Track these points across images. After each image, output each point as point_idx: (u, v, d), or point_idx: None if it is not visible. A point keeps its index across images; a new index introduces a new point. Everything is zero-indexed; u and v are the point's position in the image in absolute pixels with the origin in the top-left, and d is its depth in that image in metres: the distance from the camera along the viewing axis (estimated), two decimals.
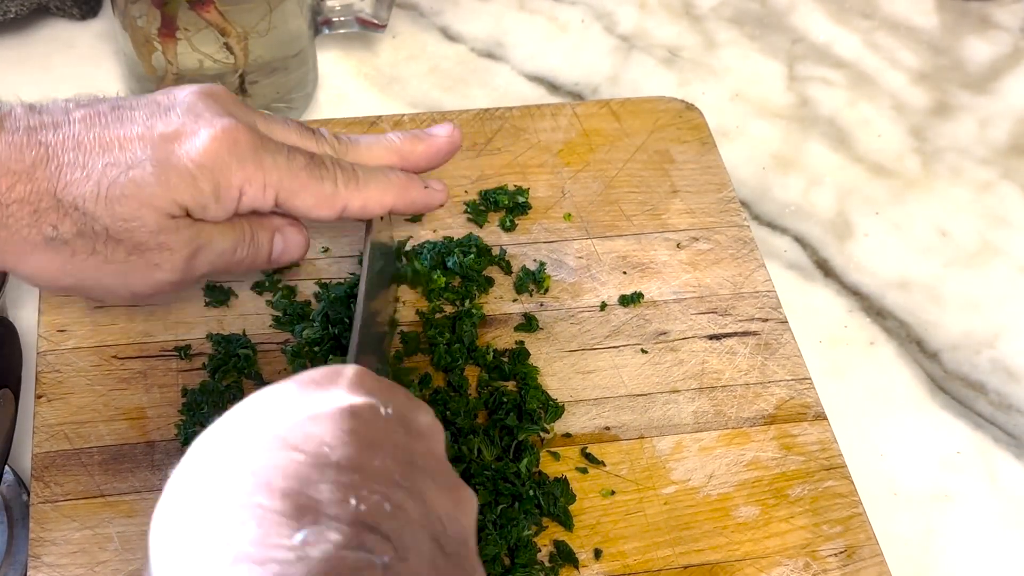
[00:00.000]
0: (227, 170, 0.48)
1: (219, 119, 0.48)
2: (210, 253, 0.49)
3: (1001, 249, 0.72)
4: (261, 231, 0.52)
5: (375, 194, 0.53)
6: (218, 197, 0.48)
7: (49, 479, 0.53)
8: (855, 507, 0.56)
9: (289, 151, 0.51)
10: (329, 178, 0.51)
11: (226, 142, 0.48)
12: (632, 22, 0.83)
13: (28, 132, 0.46)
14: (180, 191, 0.47)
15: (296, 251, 0.54)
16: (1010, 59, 0.83)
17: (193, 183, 0.47)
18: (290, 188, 0.50)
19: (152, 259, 0.47)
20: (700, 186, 0.68)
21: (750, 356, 0.61)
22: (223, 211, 0.49)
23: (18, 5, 0.74)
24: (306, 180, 0.50)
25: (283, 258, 0.54)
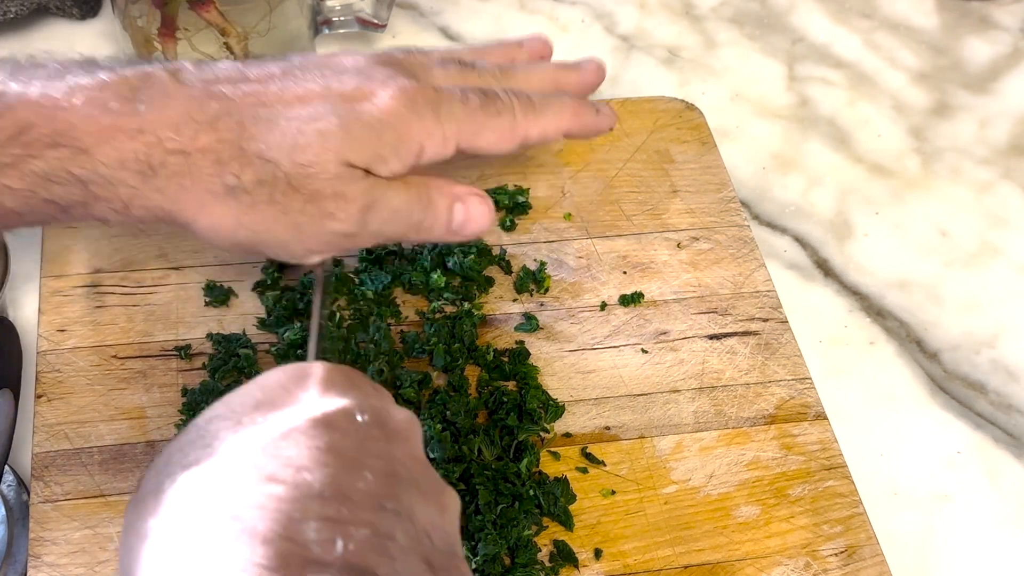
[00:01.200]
0: (407, 126, 0.48)
1: (392, 80, 0.49)
2: (384, 209, 0.48)
3: (1001, 249, 0.72)
4: (440, 197, 0.51)
5: (552, 120, 0.53)
6: (398, 151, 0.48)
7: (49, 479, 0.53)
8: (855, 507, 0.56)
9: (462, 95, 0.50)
10: (507, 111, 0.51)
11: (403, 100, 0.48)
12: (632, 22, 0.83)
13: (206, 85, 0.46)
14: (363, 143, 0.47)
15: (480, 222, 0.52)
16: (1010, 59, 0.83)
17: (377, 136, 0.47)
18: (470, 131, 0.50)
19: (327, 207, 0.47)
20: (700, 186, 0.68)
21: (750, 356, 0.61)
22: (402, 165, 0.49)
23: (18, 5, 0.74)
24: (484, 119, 0.51)
25: (466, 228, 0.52)
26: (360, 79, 0.48)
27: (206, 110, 0.45)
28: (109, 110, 0.44)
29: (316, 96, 0.47)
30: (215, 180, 0.45)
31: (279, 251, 0.48)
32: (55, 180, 0.44)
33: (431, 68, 0.52)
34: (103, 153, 0.44)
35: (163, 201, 0.45)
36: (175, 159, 0.45)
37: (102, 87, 0.44)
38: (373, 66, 0.50)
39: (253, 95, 0.46)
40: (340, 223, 0.47)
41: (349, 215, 0.47)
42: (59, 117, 0.43)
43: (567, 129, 0.54)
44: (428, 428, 0.54)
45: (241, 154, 0.45)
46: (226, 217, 0.46)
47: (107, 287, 0.60)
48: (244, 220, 0.46)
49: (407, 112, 0.48)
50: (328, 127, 0.46)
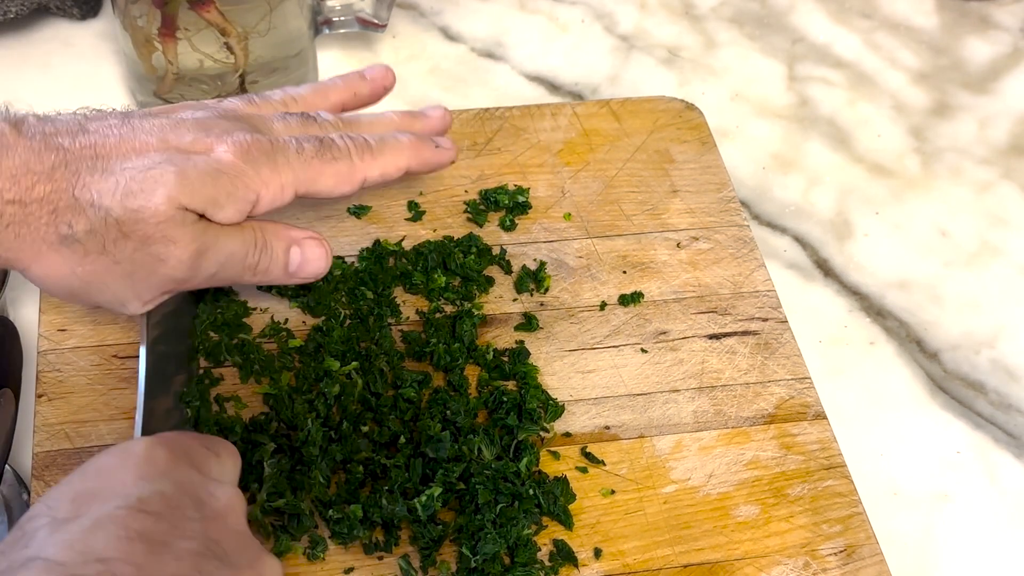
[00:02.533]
0: (243, 177, 0.49)
1: (228, 135, 0.50)
2: (218, 253, 0.50)
3: (1001, 249, 0.72)
4: (276, 240, 0.52)
5: (390, 159, 0.55)
6: (234, 198, 0.49)
7: (50, 478, 0.53)
8: (855, 506, 0.56)
9: (297, 144, 0.52)
10: (343, 156, 0.53)
11: (239, 153, 0.49)
12: (632, 22, 0.83)
13: (45, 138, 0.47)
14: (197, 187, 0.48)
15: (316, 265, 0.54)
16: (1010, 59, 0.83)
17: (212, 183, 0.48)
18: (307, 178, 0.51)
19: (158, 252, 0.48)
20: (700, 186, 0.68)
21: (750, 356, 0.61)
22: (237, 212, 0.50)
23: (18, 5, 0.74)
24: (320, 165, 0.52)
25: (302, 272, 0.54)
26: (197, 133, 0.50)
27: (44, 161, 0.46)
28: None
29: (152, 148, 0.48)
30: (50, 230, 0.46)
31: (110, 300, 0.50)
32: None
33: (272, 122, 0.53)
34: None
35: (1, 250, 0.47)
36: (12, 209, 0.46)
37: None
38: (212, 120, 0.51)
39: (90, 147, 0.47)
40: (171, 268, 0.49)
41: (180, 260, 0.48)
42: None
43: (407, 166, 0.56)
44: (428, 428, 0.54)
45: (75, 203, 0.46)
46: (60, 266, 0.47)
47: None
48: (77, 270, 0.48)
49: (243, 164, 0.49)
50: (162, 173, 0.47)
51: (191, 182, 0.48)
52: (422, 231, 0.64)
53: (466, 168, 0.67)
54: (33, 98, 0.73)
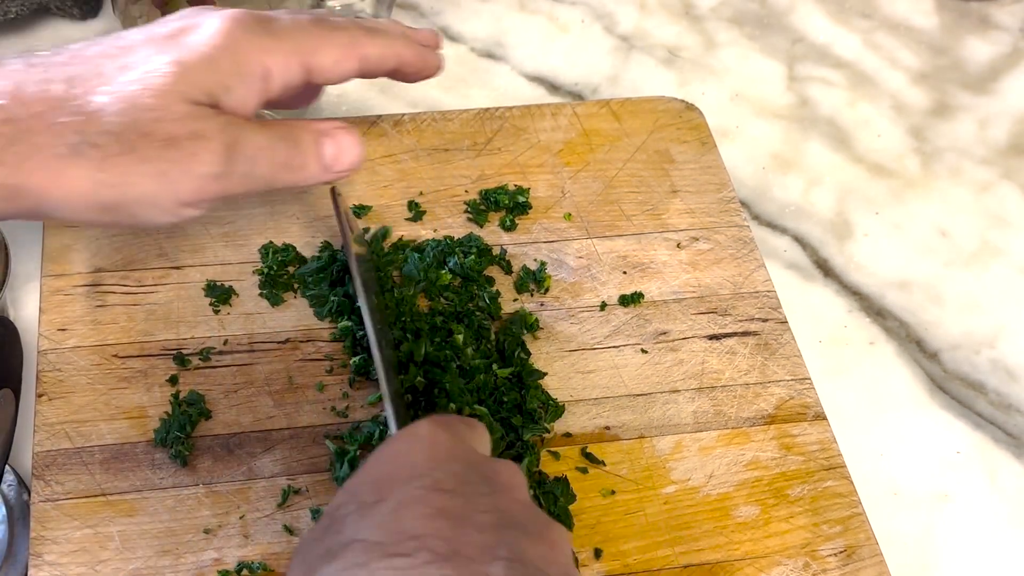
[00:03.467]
0: (243, 46, 0.47)
1: (217, 11, 0.47)
2: (248, 146, 0.47)
3: (1001, 249, 0.72)
4: (305, 133, 0.49)
5: (388, 43, 0.52)
6: (242, 76, 0.47)
7: (50, 478, 0.53)
8: (855, 507, 0.56)
9: (293, 17, 0.50)
10: (343, 28, 0.50)
11: (233, 22, 0.47)
12: (632, 22, 0.83)
13: (24, 59, 0.45)
14: (200, 73, 0.45)
15: (350, 154, 0.51)
16: (1010, 59, 0.83)
17: (212, 63, 0.46)
18: (309, 47, 0.49)
19: (188, 148, 0.45)
20: (700, 186, 0.68)
21: (750, 356, 0.61)
22: (248, 91, 0.47)
23: (18, 5, 0.74)
24: (320, 33, 0.49)
25: (339, 163, 0.50)
26: (184, 20, 0.47)
27: (31, 76, 0.44)
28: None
29: (140, 44, 0.46)
30: (57, 141, 0.43)
31: (149, 209, 0.46)
32: None
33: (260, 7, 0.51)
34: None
35: (6, 175, 0.43)
36: (6, 128, 0.43)
37: None
38: (197, 11, 0.48)
39: (77, 58, 0.45)
40: (205, 164, 0.45)
41: (213, 153, 0.45)
42: None
43: (402, 54, 0.53)
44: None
45: (78, 110, 0.43)
46: (81, 179, 0.44)
47: (108, 286, 0.60)
48: (101, 177, 0.44)
49: (239, 32, 0.46)
50: (159, 67, 0.44)
51: (190, 70, 0.45)
52: (422, 231, 0.64)
53: (466, 168, 0.67)
54: None
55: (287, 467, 0.55)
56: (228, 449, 0.55)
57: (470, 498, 0.40)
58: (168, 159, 0.44)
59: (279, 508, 0.53)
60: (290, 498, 0.54)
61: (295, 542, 0.52)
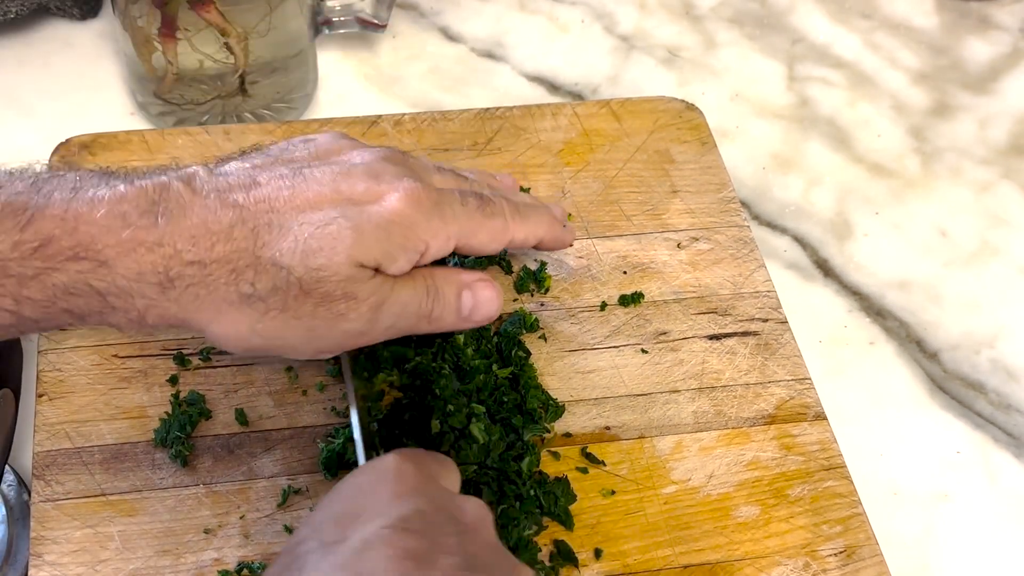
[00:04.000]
0: (415, 227, 0.49)
1: (399, 181, 0.50)
2: (394, 304, 0.49)
3: (1001, 249, 0.72)
4: (447, 286, 0.52)
5: (533, 227, 0.55)
6: (406, 249, 0.49)
7: (50, 478, 0.53)
8: (855, 507, 0.56)
9: (462, 196, 0.52)
10: (499, 214, 0.53)
11: (411, 202, 0.49)
12: (632, 22, 0.83)
13: (219, 195, 0.47)
14: (373, 243, 0.48)
15: (489, 307, 0.53)
16: (1010, 59, 0.83)
17: (386, 236, 0.48)
18: (468, 231, 0.52)
19: (338, 308, 0.48)
20: (700, 186, 0.68)
21: (750, 356, 0.61)
22: (408, 263, 0.50)
23: (18, 5, 0.74)
24: (480, 220, 0.52)
25: (475, 316, 0.53)
26: (369, 181, 0.49)
27: (221, 220, 0.46)
28: (129, 223, 0.44)
29: (327, 201, 0.48)
30: (231, 289, 0.46)
31: (291, 353, 0.49)
32: (75, 292, 0.44)
33: (430, 171, 0.53)
34: (123, 266, 0.44)
35: (178, 311, 0.46)
36: (192, 270, 0.45)
37: (121, 199, 0.45)
38: (380, 163, 0.51)
39: (265, 202, 0.47)
40: (352, 323, 0.48)
41: (360, 314, 0.48)
42: (81, 230, 0.44)
43: (543, 237, 0.56)
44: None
45: (256, 262, 0.46)
46: (240, 324, 0.47)
47: None
48: (258, 328, 0.47)
49: (414, 213, 0.49)
50: (340, 230, 0.47)
51: (367, 238, 0.48)
52: None
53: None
54: (33, 98, 0.74)
55: (287, 467, 0.55)
56: (228, 449, 0.55)
57: (436, 539, 0.40)
58: (318, 316, 0.47)
59: (279, 508, 0.53)
60: (290, 498, 0.54)
61: None
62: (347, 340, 0.49)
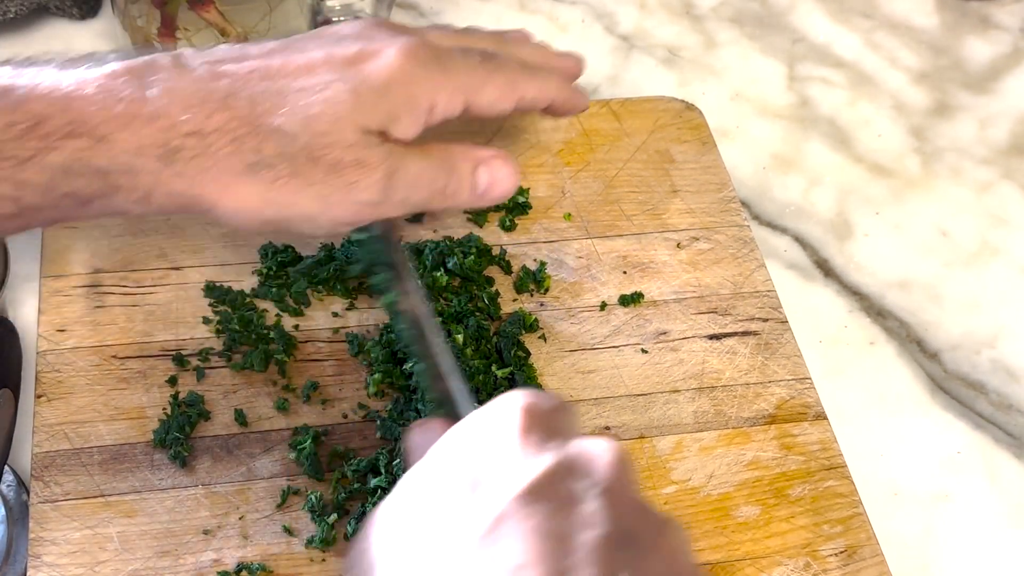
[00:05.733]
0: (416, 81, 0.48)
1: (393, 39, 0.49)
2: (407, 174, 0.48)
3: (1001, 249, 0.72)
4: (463, 160, 0.51)
5: (544, 84, 0.54)
6: (410, 108, 0.48)
7: (49, 479, 0.53)
8: (855, 507, 0.56)
9: (463, 52, 0.51)
10: (506, 67, 0.52)
11: (408, 56, 0.48)
12: (632, 22, 0.83)
13: (209, 66, 0.46)
14: (374, 104, 0.47)
15: (505, 184, 0.52)
16: (1010, 59, 0.83)
17: (386, 96, 0.47)
18: (474, 85, 0.51)
19: (350, 176, 0.47)
20: (700, 186, 0.68)
21: (750, 356, 0.61)
22: (415, 123, 0.49)
23: (18, 5, 0.74)
24: (485, 74, 0.51)
25: (492, 191, 0.52)
26: (362, 42, 0.48)
27: (214, 90, 0.45)
28: (121, 98, 0.44)
29: (320, 64, 0.47)
30: (235, 158, 0.45)
31: (306, 225, 0.48)
32: (75, 172, 0.43)
33: (427, 31, 0.52)
34: (122, 140, 0.44)
35: (184, 186, 0.45)
36: (192, 141, 0.44)
37: (110, 75, 0.44)
38: (372, 28, 0.50)
39: (258, 70, 0.46)
40: (365, 191, 0.47)
41: (373, 181, 0.47)
42: (73, 107, 0.43)
43: (555, 96, 0.55)
44: None
45: (256, 130, 0.45)
46: (251, 196, 0.46)
47: (107, 287, 0.60)
48: (269, 196, 0.46)
49: (413, 67, 0.48)
50: (338, 94, 0.46)
51: (366, 100, 0.47)
52: (422, 231, 0.64)
53: None
54: None
55: (286, 468, 0.55)
56: (227, 450, 0.55)
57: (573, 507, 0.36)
58: (331, 184, 0.47)
59: (278, 509, 0.53)
60: (289, 499, 0.54)
61: (294, 543, 0.52)
62: (363, 211, 0.48)
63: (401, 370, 0.57)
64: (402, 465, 0.53)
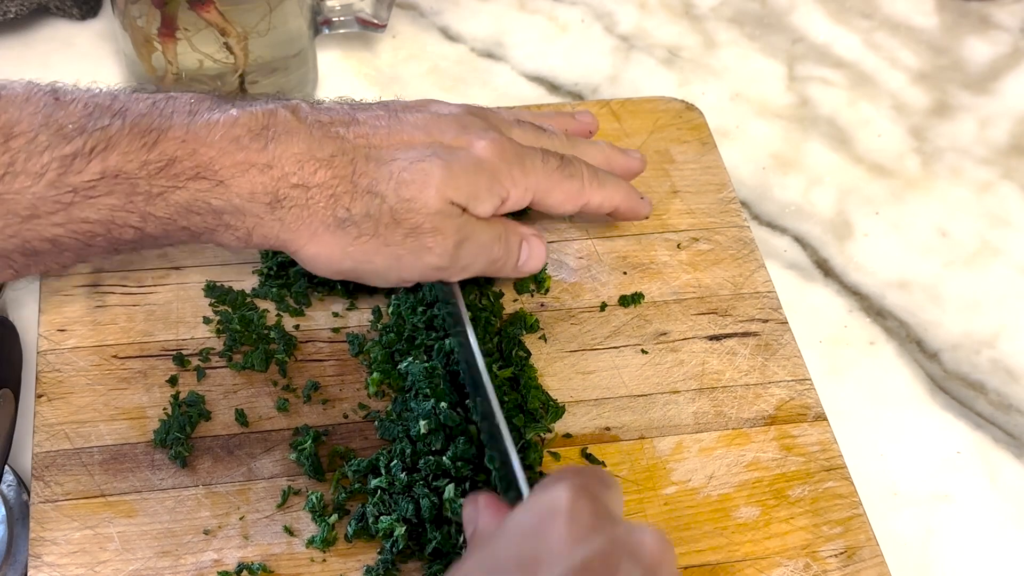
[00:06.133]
0: (499, 173, 0.53)
1: (486, 132, 0.54)
2: (474, 244, 0.53)
3: (1001, 249, 0.72)
4: (512, 234, 0.56)
5: (610, 193, 0.58)
6: (491, 193, 0.53)
7: (49, 479, 0.53)
8: (855, 508, 0.56)
9: (543, 155, 0.56)
10: (577, 176, 0.57)
11: (496, 151, 0.53)
12: (632, 22, 0.83)
13: (322, 127, 0.51)
14: (462, 182, 0.52)
15: (539, 261, 0.58)
16: (1010, 59, 0.83)
17: (474, 178, 0.52)
18: (546, 188, 0.55)
19: (425, 241, 0.51)
20: (700, 186, 0.68)
21: (750, 357, 0.61)
22: (492, 207, 0.54)
23: (18, 5, 0.74)
24: (559, 179, 0.56)
25: (528, 265, 0.57)
26: (458, 129, 0.54)
27: (324, 148, 0.50)
28: (243, 146, 0.48)
29: (420, 142, 0.52)
30: (328, 213, 0.50)
31: (376, 279, 0.53)
32: (194, 210, 0.48)
33: (512, 126, 0.57)
34: (238, 185, 0.48)
35: (281, 231, 0.50)
36: (296, 192, 0.49)
37: (234, 123, 0.49)
38: (467, 116, 0.55)
39: (364, 137, 0.51)
40: (436, 256, 0.52)
41: (445, 249, 0.52)
42: (201, 152, 0.48)
43: (618, 205, 0.59)
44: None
45: (353, 189, 0.50)
46: (334, 247, 0.51)
47: (107, 287, 0.60)
48: (350, 250, 0.51)
49: (499, 161, 0.53)
50: (431, 166, 0.51)
51: (456, 176, 0.51)
52: None
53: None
54: None
55: (287, 468, 0.55)
56: (228, 450, 0.55)
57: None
58: (407, 247, 0.51)
59: (279, 509, 0.53)
60: (290, 499, 0.54)
61: (295, 543, 0.52)
62: (428, 273, 0.53)
63: (399, 371, 0.57)
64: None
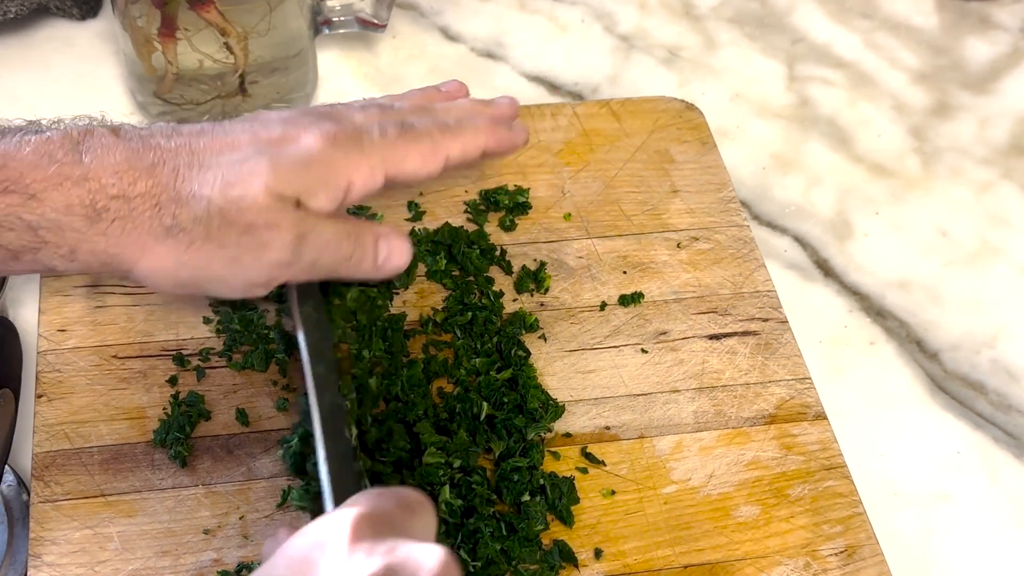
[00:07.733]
0: (334, 163, 0.51)
1: (315, 124, 0.52)
2: (317, 239, 0.51)
3: (1001, 249, 0.72)
4: (365, 233, 0.54)
5: (470, 138, 0.56)
6: (327, 185, 0.51)
7: (49, 479, 0.53)
8: (855, 507, 0.56)
9: (380, 128, 0.54)
10: (425, 135, 0.55)
11: (327, 140, 0.51)
12: (632, 22, 0.83)
13: (142, 139, 0.49)
14: (291, 176, 0.50)
15: (400, 257, 0.56)
16: (1010, 59, 0.83)
17: (304, 170, 0.50)
18: (395, 158, 0.53)
19: (262, 237, 0.49)
20: (700, 186, 0.68)
21: (750, 356, 0.61)
22: (330, 199, 0.51)
23: (18, 5, 0.74)
24: (405, 146, 0.54)
25: (388, 264, 0.55)
26: (285, 127, 0.52)
27: (144, 159, 0.48)
28: (55, 160, 0.47)
29: (244, 143, 0.51)
30: (155, 223, 0.48)
31: (220, 287, 0.51)
32: (6, 225, 0.46)
33: (352, 113, 0.55)
34: (51, 199, 0.47)
35: (107, 245, 0.48)
36: (117, 204, 0.47)
37: (47, 140, 0.48)
38: (297, 115, 0.53)
39: (186, 146, 0.50)
40: (276, 252, 0.50)
41: (284, 244, 0.50)
42: (9, 166, 0.46)
43: (485, 145, 0.57)
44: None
45: (177, 196, 0.48)
46: (167, 257, 0.49)
47: (107, 287, 0.60)
48: (184, 259, 0.49)
49: (332, 150, 0.51)
50: (256, 165, 0.49)
51: (284, 171, 0.50)
52: (421, 229, 0.64)
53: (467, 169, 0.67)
54: (33, 98, 0.74)
55: (286, 468, 0.55)
56: (227, 450, 0.55)
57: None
58: (244, 246, 0.49)
59: (279, 508, 0.53)
60: (289, 498, 0.54)
61: None
62: (274, 271, 0.51)
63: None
64: None
